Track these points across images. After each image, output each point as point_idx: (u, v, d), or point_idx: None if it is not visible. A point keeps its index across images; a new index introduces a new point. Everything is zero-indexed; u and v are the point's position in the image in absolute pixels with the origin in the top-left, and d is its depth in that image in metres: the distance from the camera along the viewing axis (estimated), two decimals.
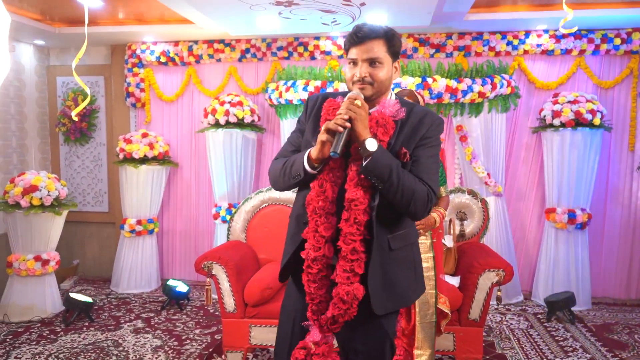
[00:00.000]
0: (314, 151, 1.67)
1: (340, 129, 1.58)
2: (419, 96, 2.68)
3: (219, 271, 3.23)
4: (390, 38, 1.70)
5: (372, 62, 1.68)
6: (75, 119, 3.26)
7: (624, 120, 4.89)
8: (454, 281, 3.28)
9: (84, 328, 4.13)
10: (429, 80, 4.39)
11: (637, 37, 4.70)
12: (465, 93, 4.43)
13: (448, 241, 3.49)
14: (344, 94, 1.76)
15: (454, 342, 3.15)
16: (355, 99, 1.64)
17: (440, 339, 3.04)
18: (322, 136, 1.63)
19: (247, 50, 5.21)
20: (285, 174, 1.77)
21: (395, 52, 1.73)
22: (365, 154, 1.60)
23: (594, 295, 4.84)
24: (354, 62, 1.70)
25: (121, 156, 5.10)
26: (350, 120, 1.59)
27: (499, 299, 3.11)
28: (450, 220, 3.65)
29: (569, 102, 4.54)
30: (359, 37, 1.67)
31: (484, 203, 3.72)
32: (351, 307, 1.64)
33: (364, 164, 1.61)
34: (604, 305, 4.79)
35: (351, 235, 1.64)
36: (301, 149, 1.82)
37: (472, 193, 3.75)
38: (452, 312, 3.15)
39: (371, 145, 1.59)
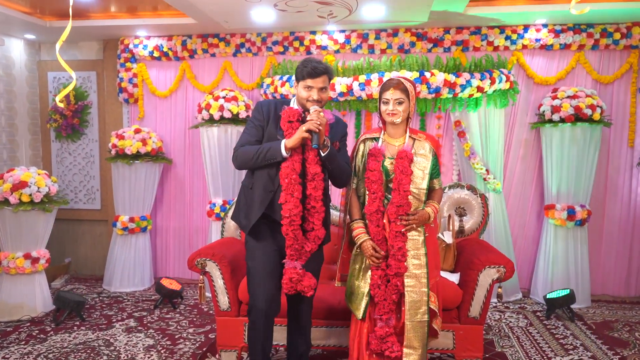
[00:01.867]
0: (290, 143, 2.43)
1: (317, 130, 2.39)
2: (407, 82, 2.60)
3: (212, 268, 3.15)
4: (331, 73, 2.54)
5: (322, 89, 2.50)
6: (60, 104, 3.16)
7: (623, 116, 4.83)
8: (454, 278, 3.21)
9: (75, 327, 4.04)
10: (427, 74, 4.32)
11: (637, 32, 4.65)
12: (463, 88, 4.36)
13: (447, 237, 3.41)
14: (286, 102, 2.62)
15: (454, 340, 3.07)
16: (320, 112, 2.45)
17: (440, 337, 2.97)
18: (304, 134, 2.40)
19: (242, 45, 5.12)
20: (260, 157, 2.50)
21: (331, 79, 2.57)
22: (324, 147, 2.45)
23: (593, 293, 4.78)
24: (310, 88, 2.48)
25: (113, 152, 5.00)
26: (320, 125, 2.40)
27: (499, 296, 3.02)
28: (449, 216, 3.58)
29: (568, 97, 4.48)
30: (316, 72, 2.46)
31: (484, 198, 3.65)
32: (316, 242, 2.53)
33: (325, 153, 2.46)
34: (603, 302, 4.74)
35: (319, 197, 2.49)
36: (264, 140, 2.58)
37: (471, 188, 3.68)
38: (452, 310, 3.09)
39: (327, 141, 2.46)
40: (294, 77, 4.58)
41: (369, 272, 2.63)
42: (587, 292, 4.62)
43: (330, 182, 2.68)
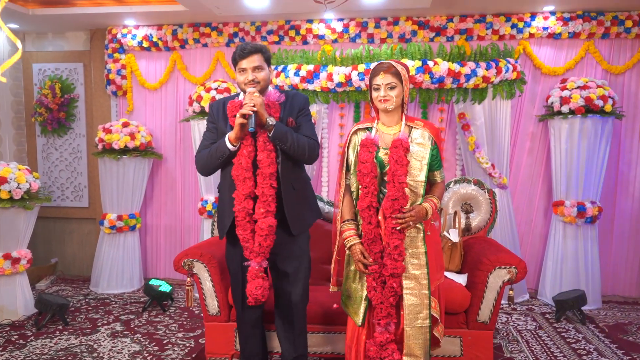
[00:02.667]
0: (232, 134, 2.35)
1: (250, 112, 2.25)
2: (399, 65, 2.37)
3: (200, 269, 2.92)
4: (265, 51, 2.43)
5: (257, 68, 2.39)
6: (3, 79, 2.86)
7: (634, 108, 4.61)
8: (461, 279, 2.99)
9: (57, 332, 3.81)
10: (430, 63, 4.09)
11: None
12: (468, 77, 4.13)
13: (453, 235, 3.19)
14: (235, 97, 2.51)
15: (461, 347, 2.85)
16: (254, 92, 2.32)
17: (446, 343, 2.75)
18: (239, 120, 2.28)
19: (235, 34, 4.89)
20: (212, 157, 2.44)
21: (267, 58, 2.46)
22: (269, 127, 2.32)
23: (603, 293, 4.56)
24: (243, 70, 2.39)
25: (100, 147, 4.77)
26: (254, 106, 2.26)
27: (510, 299, 2.79)
28: (455, 213, 3.35)
29: (578, 87, 4.26)
30: (245, 51, 2.36)
31: (492, 194, 3.43)
32: (269, 234, 2.36)
33: (270, 134, 2.32)
34: (614, 303, 4.52)
35: (262, 184, 2.35)
36: (218, 139, 2.47)
37: (478, 183, 3.45)
38: (459, 314, 2.87)
39: (271, 120, 2.32)
40: (289, 67, 4.41)
41: (367, 270, 2.40)
42: (598, 292, 4.40)
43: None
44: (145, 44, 5.03)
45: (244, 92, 2.42)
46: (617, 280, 4.73)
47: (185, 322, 4.01)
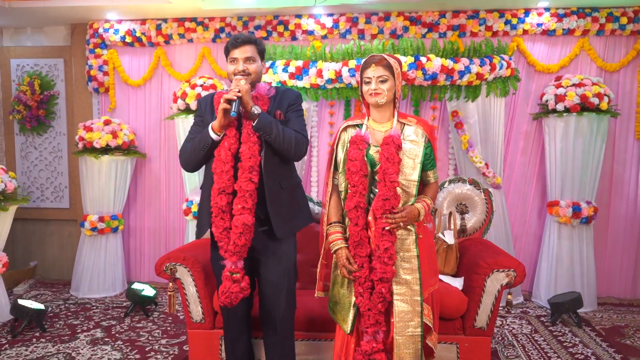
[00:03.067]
0: (216, 122, 2.22)
1: (234, 97, 2.14)
2: (391, 58, 2.25)
3: (183, 274, 2.77)
4: (259, 43, 2.35)
5: (248, 59, 2.29)
6: None
7: (629, 106, 4.53)
8: (457, 283, 2.86)
9: (34, 339, 3.63)
10: (423, 59, 3.96)
11: None
12: (462, 74, 4.01)
13: (449, 237, 3.06)
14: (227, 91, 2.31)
15: (458, 354, 2.72)
16: (240, 80, 2.22)
17: (442, 350, 2.63)
18: (222, 105, 2.17)
19: (222, 30, 4.73)
20: (195, 148, 2.30)
21: (261, 50, 2.36)
22: (253, 117, 2.20)
23: (598, 295, 4.46)
24: (235, 60, 2.30)
25: (80, 146, 4.59)
26: (239, 92, 2.16)
27: (509, 304, 2.68)
28: (450, 214, 3.23)
29: (573, 85, 4.16)
30: (237, 41, 2.29)
31: (487, 194, 3.31)
32: (245, 232, 2.19)
33: (254, 123, 2.20)
34: (609, 305, 4.43)
35: (244, 178, 2.19)
36: None
37: (474, 183, 3.33)
38: (455, 320, 2.74)
39: (256, 109, 2.20)
40: (277, 63, 4.27)
41: (351, 276, 2.26)
42: (594, 295, 4.31)
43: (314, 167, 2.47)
44: (128, 39, 4.86)
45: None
46: (611, 282, 4.64)
47: (169, 328, 3.85)
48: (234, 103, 2.15)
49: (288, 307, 2.42)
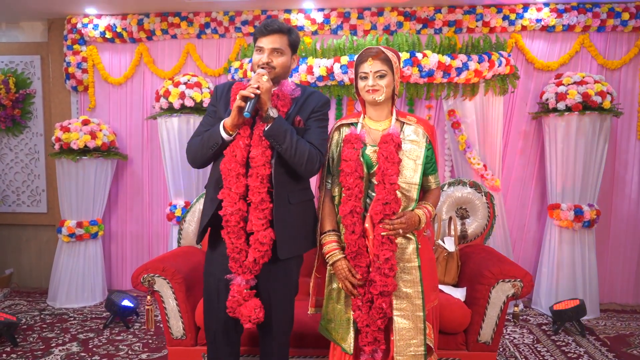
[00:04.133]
0: (228, 120, 1.96)
1: (252, 95, 1.87)
2: (389, 51, 2.05)
3: (162, 286, 2.54)
4: (292, 33, 2.06)
5: (276, 51, 2.01)
6: None
7: (631, 105, 4.37)
8: (459, 294, 2.66)
9: (4, 355, 3.37)
10: (419, 55, 3.77)
11: None
12: (460, 71, 3.82)
13: (449, 244, 2.86)
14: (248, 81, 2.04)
15: None
16: (263, 75, 1.94)
17: None
18: (237, 102, 1.91)
19: (207, 25, 4.51)
20: (204, 146, 2.03)
21: (293, 43, 2.07)
22: (268, 119, 1.93)
23: (600, 301, 4.30)
24: (260, 49, 2.02)
25: (57, 147, 4.34)
26: (258, 88, 1.88)
27: (515, 317, 2.48)
28: (450, 219, 3.02)
29: (574, 83, 4.00)
30: (267, 29, 2.01)
31: (489, 197, 3.11)
32: (269, 249, 1.97)
33: (266, 128, 1.94)
34: (612, 312, 4.26)
35: (257, 188, 1.96)
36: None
37: (474, 186, 3.13)
38: (458, 334, 2.54)
39: (273, 112, 1.93)
40: None
41: (355, 291, 2.05)
42: (596, 301, 4.14)
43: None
44: (108, 35, 4.62)
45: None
46: (613, 287, 4.48)
47: (150, 341, 3.61)
48: (250, 102, 1.88)
49: (286, 327, 2.19)
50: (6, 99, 4.78)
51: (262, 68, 1.99)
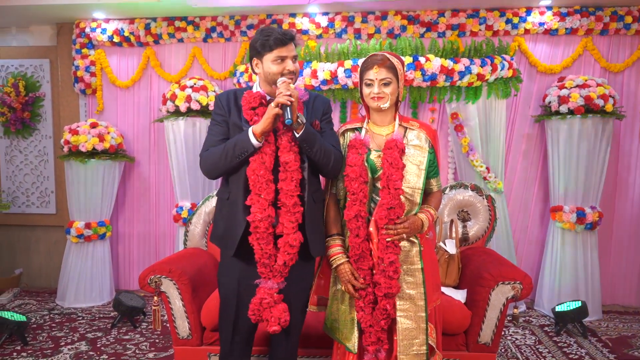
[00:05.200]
0: (259, 127, 1.97)
1: (289, 102, 1.91)
2: (394, 58, 2.10)
3: (169, 287, 2.60)
4: (297, 39, 2.13)
5: (295, 58, 2.06)
6: None
7: (634, 108, 4.39)
8: (459, 295, 2.70)
9: (15, 353, 3.45)
10: (422, 59, 3.81)
11: None
12: (462, 75, 3.87)
13: (450, 247, 2.91)
14: (248, 89, 2.13)
15: None
16: (290, 83, 1.99)
17: None
18: (274, 110, 1.93)
19: (213, 29, 4.57)
20: (228, 156, 2.02)
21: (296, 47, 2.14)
22: (298, 126, 1.96)
23: (602, 303, 4.31)
24: (283, 59, 2.03)
25: (66, 149, 4.41)
26: (291, 96, 1.92)
27: (515, 319, 2.53)
28: (452, 221, 3.07)
29: (577, 86, 4.02)
30: (287, 38, 2.03)
31: (490, 200, 3.16)
32: (297, 252, 2.01)
33: (300, 133, 1.97)
34: (614, 314, 4.29)
35: (290, 192, 1.99)
36: (230, 135, 2.10)
37: (476, 189, 3.17)
38: (458, 335, 2.59)
39: (302, 118, 1.97)
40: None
41: (357, 294, 2.11)
42: (598, 303, 4.16)
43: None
44: (116, 39, 4.69)
45: (273, 83, 2.05)
46: (616, 289, 4.50)
47: (157, 340, 3.68)
48: (287, 109, 1.91)
49: (300, 327, 2.25)
50: (16, 102, 4.87)
51: (288, 77, 2.02)
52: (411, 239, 2.10)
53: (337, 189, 2.20)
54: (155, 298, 2.61)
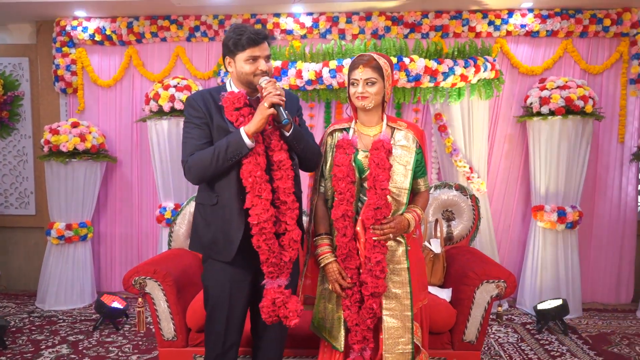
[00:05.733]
0: (252, 127, 1.94)
1: (281, 102, 1.92)
2: (381, 58, 2.11)
3: (154, 288, 2.57)
4: (270, 38, 2.10)
5: (268, 57, 2.05)
6: None
7: (612, 109, 4.48)
8: (445, 294, 2.73)
9: None
10: (406, 60, 3.84)
11: (627, 18, 4.31)
12: (446, 76, 3.90)
13: (435, 246, 2.93)
14: (221, 89, 2.10)
15: None
16: (275, 82, 1.98)
17: None
18: (269, 110, 1.92)
19: (197, 28, 4.54)
20: (220, 158, 1.96)
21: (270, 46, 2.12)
22: (285, 125, 1.97)
23: (582, 300, 4.39)
24: (255, 58, 2.00)
25: (46, 149, 4.34)
26: (281, 95, 1.94)
27: (499, 317, 2.56)
28: (437, 221, 3.10)
29: (558, 87, 4.09)
30: (260, 37, 2.00)
31: (474, 200, 3.19)
32: (299, 247, 2.05)
33: (289, 132, 2.00)
34: (594, 311, 4.36)
35: (288, 189, 2.01)
36: (215, 137, 2.04)
37: (460, 188, 3.21)
38: (443, 334, 2.61)
39: (288, 116, 1.96)
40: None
41: (344, 293, 2.12)
42: (579, 301, 4.24)
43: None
44: (97, 38, 4.63)
45: (247, 84, 2.03)
46: (595, 287, 4.58)
47: (140, 343, 3.64)
48: (280, 109, 1.92)
49: (286, 325, 2.21)
50: None
51: (264, 76, 2.00)
52: (398, 238, 2.12)
53: (325, 189, 2.20)
54: (140, 299, 2.58)
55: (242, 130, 1.94)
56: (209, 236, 2.07)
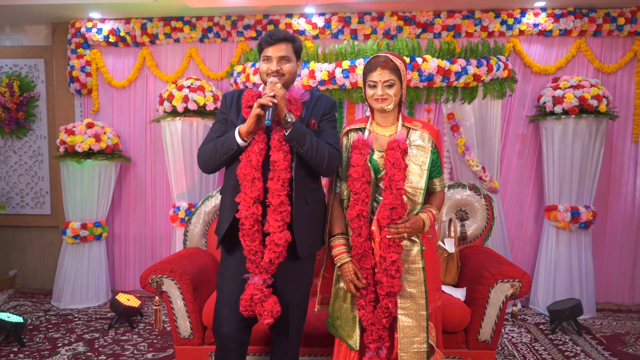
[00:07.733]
0: (244, 127, 2.03)
1: (270, 103, 1.95)
2: (397, 59, 2.12)
3: (170, 287, 2.60)
4: (296, 41, 2.15)
5: (283, 59, 2.09)
6: None
7: (627, 108, 4.45)
8: (459, 294, 2.73)
9: (12, 355, 3.43)
10: (419, 60, 3.84)
11: None
12: (459, 75, 3.90)
13: (449, 245, 2.93)
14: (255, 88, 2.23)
15: None
16: (276, 83, 2.03)
17: None
18: (255, 111, 1.97)
19: (210, 29, 4.57)
20: (217, 152, 2.09)
21: (297, 50, 2.16)
22: (287, 125, 2.01)
23: (596, 301, 4.37)
24: (268, 58, 2.10)
25: (62, 150, 4.39)
26: (274, 97, 1.96)
27: (514, 316, 2.56)
28: (451, 220, 3.10)
29: (571, 86, 4.07)
30: (273, 38, 2.08)
31: (488, 200, 3.19)
32: (284, 250, 2.04)
33: (287, 132, 2.01)
34: (608, 312, 4.34)
35: (277, 191, 2.03)
36: (227, 132, 2.13)
37: (474, 188, 3.20)
38: (458, 333, 2.61)
39: (290, 117, 2.01)
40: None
41: (358, 293, 2.13)
42: (592, 301, 4.21)
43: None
44: (111, 39, 4.67)
45: (264, 82, 2.13)
46: (609, 287, 4.56)
47: (155, 341, 3.67)
48: (269, 110, 1.95)
49: (300, 326, 2.28)
50: (10, 102, 4.84)
51: (273, 76, 2.06)
52: (412, 238, 2.12)
53: (340, 189, 2.22)
54: (157, 298, 2.61)
55: (237, 128, 2.05)
56: (217, 222, 2.25)
